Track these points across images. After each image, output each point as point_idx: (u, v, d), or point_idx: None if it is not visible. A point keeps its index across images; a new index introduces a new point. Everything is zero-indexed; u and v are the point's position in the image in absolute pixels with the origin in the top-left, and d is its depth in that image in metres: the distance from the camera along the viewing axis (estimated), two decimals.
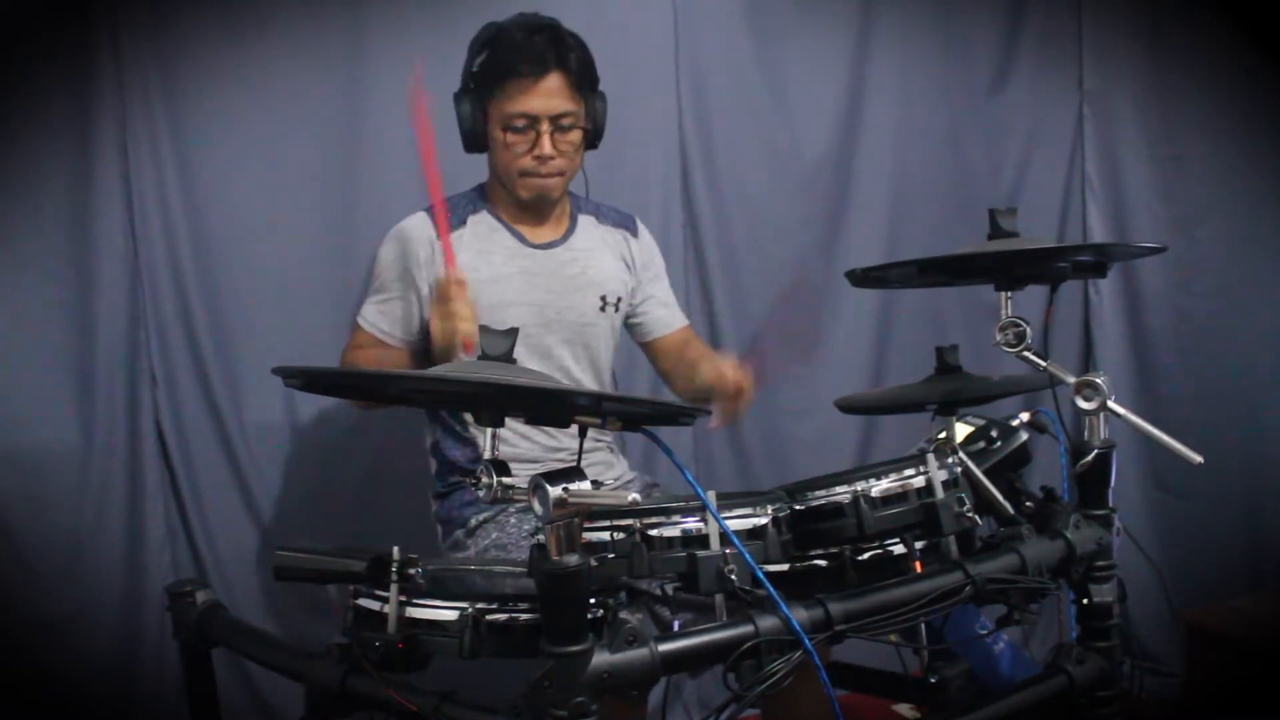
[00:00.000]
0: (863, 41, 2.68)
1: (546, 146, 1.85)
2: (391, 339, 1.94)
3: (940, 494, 1.35)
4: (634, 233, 2.13)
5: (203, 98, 2.16)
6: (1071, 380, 1.47)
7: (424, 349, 1.92)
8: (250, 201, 2.21)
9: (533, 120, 1.84)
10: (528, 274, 1.95)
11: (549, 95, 1.84)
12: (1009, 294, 1.51)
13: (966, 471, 1.43)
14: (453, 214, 1.91)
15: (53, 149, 2.05)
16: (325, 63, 2.24)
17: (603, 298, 2.02)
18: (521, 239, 1.97)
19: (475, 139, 1.89)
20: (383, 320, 1.94)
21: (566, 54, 1.84)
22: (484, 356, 1.17)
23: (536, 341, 1.94)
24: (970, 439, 1.57)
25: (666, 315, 2.15)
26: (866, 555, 1.33)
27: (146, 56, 2.11)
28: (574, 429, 1.16)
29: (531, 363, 1.90)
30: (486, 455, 1.15)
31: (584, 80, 1.88)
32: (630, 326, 2.13)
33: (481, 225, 1.95)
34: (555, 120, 1.85)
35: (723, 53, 2.56)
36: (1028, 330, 1.48)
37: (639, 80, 2.42)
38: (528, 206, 1.96)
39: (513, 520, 1.85)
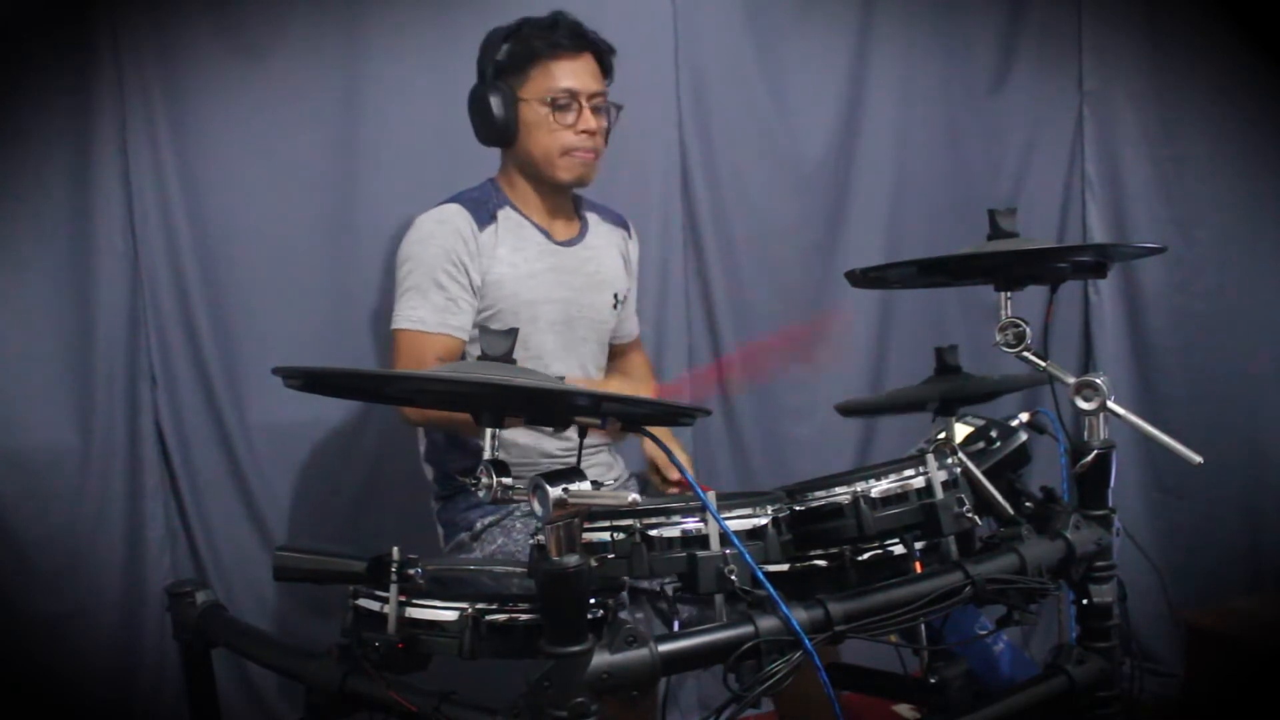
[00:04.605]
0: (863, 41, 2.68)
1: (590, 120, 1.89)
2: (465, 334, 1.86)
3: (940, 494, 1.35)
4: (629, 233, 2.14)
5: (203, 98, 2.15)
6: (1071, 380, 1.47)
7: None
8: (250, 201, 2.20)
9: (573, 95, 1.87)
10: (555, 271, 1.95)
11: (587, 73, 1.89)
12: (1009, 294, 1.51)
13: (966, 472, 1.42)
14: (481, 209, 1.91)
15: (53, 149, 2.05)
16: (325, 63, 2.24)
17: (614, 295, 2.03)
18: (547, 235, 1.97)
19: (507, 129, 1.89)
20: (453, 317, 1.85)
21: (592, 37, 1.91)
22: (484, 357, 1.17)
23: (564, 339, 1.94)
24: (970, 439, 1.57)
25: (633, 323, 2.18)
26: (866, 556, 1.33)
27: (146, 56, 2.10)
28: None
29: (560, 360, 1.92)
30: (487, 455, 1.15)
31: (606, 65, 1.94)
32: None
33: (510, 220, 1.94)
34: (590, 99, 1.89)
35: (723, 53, 2.56)
36: (1027, 331, 1.47)
37: (639, 80, 2.41)
38: (550, 200, 1.96)
39: (519, 525, 1.84)
